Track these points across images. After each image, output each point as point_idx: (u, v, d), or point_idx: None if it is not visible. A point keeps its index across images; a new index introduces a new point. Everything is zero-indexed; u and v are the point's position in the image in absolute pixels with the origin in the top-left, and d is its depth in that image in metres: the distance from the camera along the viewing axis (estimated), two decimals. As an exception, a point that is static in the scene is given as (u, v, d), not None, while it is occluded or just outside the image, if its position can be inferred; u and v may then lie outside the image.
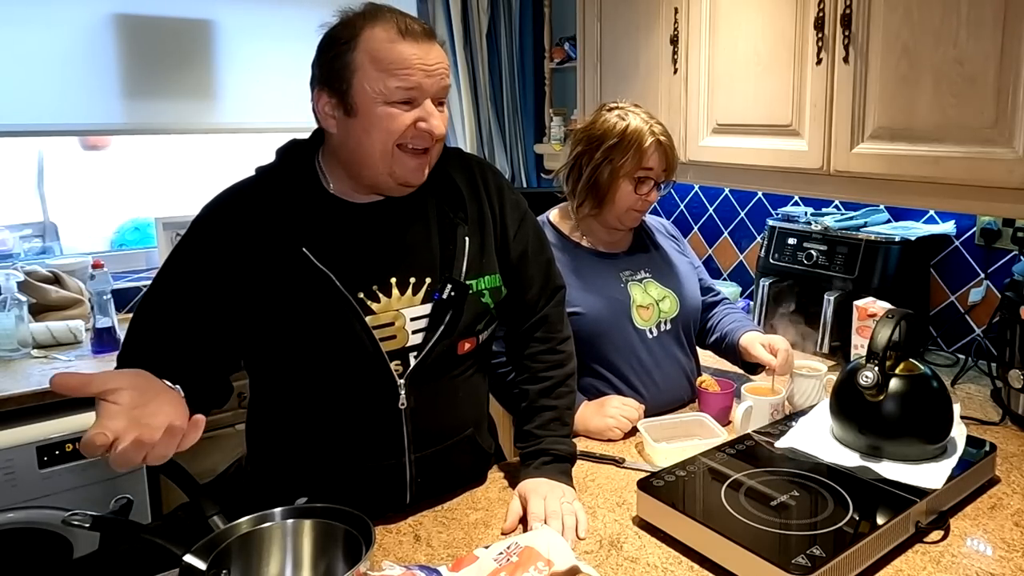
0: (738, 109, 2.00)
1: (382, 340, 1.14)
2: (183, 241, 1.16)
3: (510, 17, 3.15)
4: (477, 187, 1.27)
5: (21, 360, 2.06)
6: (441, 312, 1.17)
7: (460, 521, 1.21)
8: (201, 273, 1.12)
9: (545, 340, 1.34)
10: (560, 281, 1.39)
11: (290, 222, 1.13)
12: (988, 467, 1.29)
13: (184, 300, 1.12)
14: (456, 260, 1.20)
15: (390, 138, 1.10)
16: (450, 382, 1.23)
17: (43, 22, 2.38)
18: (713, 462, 1.26)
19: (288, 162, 1.19)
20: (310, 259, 1.11)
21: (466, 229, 1.22)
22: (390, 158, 1.12)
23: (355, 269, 1.14)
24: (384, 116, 1.09)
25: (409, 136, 1.11)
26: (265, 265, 1.11)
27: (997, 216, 1.87)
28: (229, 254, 1.12)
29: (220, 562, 0.92)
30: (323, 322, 1.12)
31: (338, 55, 1.10)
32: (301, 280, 1.11)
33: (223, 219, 1.15)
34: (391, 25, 1.09)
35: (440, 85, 1.12)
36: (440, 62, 1.12)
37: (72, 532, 1.81)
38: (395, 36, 1.08)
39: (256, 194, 1.16)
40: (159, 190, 2.82)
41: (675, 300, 1.66)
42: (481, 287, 1.23)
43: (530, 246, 1.32)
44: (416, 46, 1.09)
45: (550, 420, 1.30)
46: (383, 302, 1.15)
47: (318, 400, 1.17)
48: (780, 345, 1.60)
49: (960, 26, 1.47)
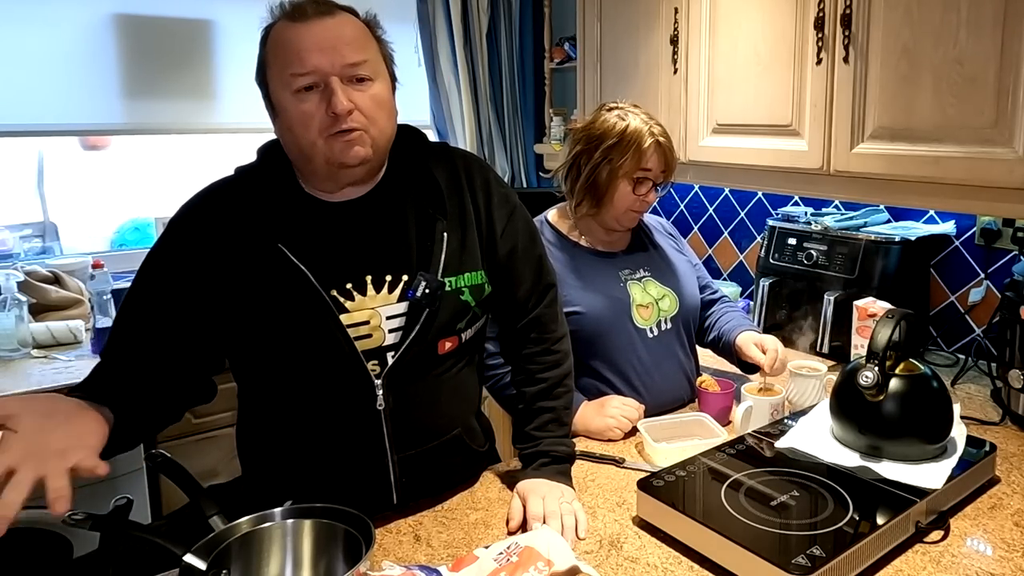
0: (738, 109, 2.00)
1: (357, 339, 1.12)
2: (160, 240, 1.16)
3: (510, 17, 3.15)
4: (459, 182, 1.23)
5: (21, 360, 2.06)
6: (417, 311, 1.14)
7: (460, 521, 1.21)
8: (177, 272, 1.12)
9: (540, 341, 1.32)
10: (552, 279, 1.36)
11: (267, 219, 1.12)
12: (988, 467, 1.29)
13: (161, 299, 1.12)
14: (433, 256, 1.16)
15: (307, 132, 1.06)
16: (432, 382, 1.21)
17: (43, 22, 2.38)
18: (713, 462, 1.26)
19: (267, 161, 1.18)
20: (286, 255, 1.09)
21: (445, 225, 1.18)
22: (322, 146, 1.07)
23: (330, 266, 1.12)
24: (294, 109, 1.06)
25: (328, 125, 1.06)
26: (241, 261, 1.10)
27: (997, 216, 1.87)
28: (205, 252, 1.11)
29: (220, 562, 0.92)
30: (297, 319, 1.10)
31: (259, 57, 1.10)
32: (276, 276, 1.10)
33: (199, 217, 1.14)
34: (285, 14, 1.07)
35: (343, 60, 1.05)
36: (337, 36, 1.05)
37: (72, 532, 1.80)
38: (287, 24, 1.06)
39: (233, 192, 1.15)
40: (159, 190, 2.82)
41: (674, 299, 1.66)
42: (460, 284, 1.19)
43: (520, 242, 1.28)
44: (306, 27, 1.05)
45: (548, 421, 1.30)
46: (357, 300, 1.13)
47: (298, 400, 1.16)
48: (770, 344, 1.61)
49: (960, 26, 1.47)
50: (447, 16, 2.99)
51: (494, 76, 3.15)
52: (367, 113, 1.08)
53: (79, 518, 0.92)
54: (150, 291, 1.13)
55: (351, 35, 1.08)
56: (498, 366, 1.50)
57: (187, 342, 1.12)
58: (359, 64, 1.07)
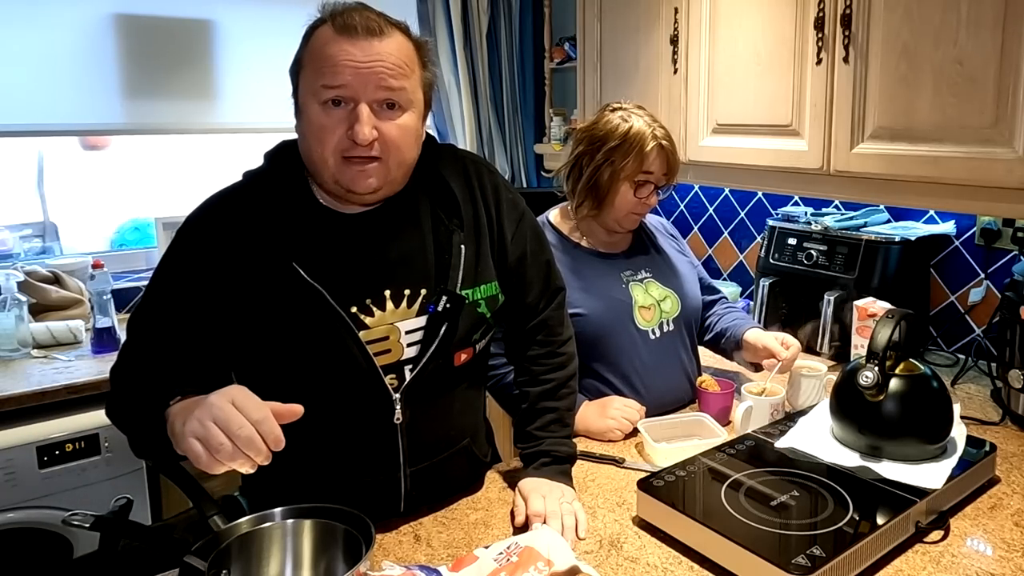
0: (738, 109, 2.00)
1: (376, 355, 1.10)
2: (171, 249, 1.12)
3: (510, 17, 3.15)
4: (473, 189, 1.22)
5: (21, 360, 2.06)
6: (436, 325, 1.13)
7: (460, 521, 1.21)
8: (190, 284, 1.08)
9: (546, 343, 1.32)
10: (560, 283, 1.36)
11: (279, 234, 1.08)
12: (988, 467, 1.29)
13: (174, 312, 1.09)
14: (452, 270, 1.15)
15: (322, 147, 1.04)
16: (447, 394, 1.20)
17: (43, 22, 2.38)
18: (713, 462, 1.26)
19: (277, 168, 1.14)
20: (300, 274, 1.07)
21: (462, 236, 1.17)
22: (333, 166, 1.06)
23: (348, 283, 1.09)
24: (316, 119, 1.04)
25: (345, 147, 1.04)
26: (254, 278, 1.07)
27: (997, 216, 1.87)
28: (217, 266, 1.08)
29: (220, 562, 0.92)
30: (315, 339, 1.07)
31: (297, 53, 1.08)
32: (291, 296, 1.06)
33: (210, 228, 1.10)
34: (334, 21, 1.04)
35: (378, 88, 1.03)
36: (379, 60, 1.03)
37: (72, 532, 1.81)
38: (332, 33, 1.03)
39: (244, 201, 1.11)
40: (159, 190, 2.82)
41: (676, 300, 1.66)
42: (477, 297, 1.18)
43: (529, 248, 1.27)
44: (351, 43, 1.02)
45: (551, 422, 1.30)
46: (377, 316, 1.11)
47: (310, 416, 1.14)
48: (793, 342, 1.62)
49: (960, 26, 1.47)
50: (447, 16, 2.99)
51: (494, 76, 3.15)
52: (389, 143, 1.06)
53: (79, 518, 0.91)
54: (163, 302, 1.10)
55: (394, 61, 1.05)
56: (499, 366, 1.50)
57: (200, 353, 1.10)
58: (395, 91, 1.05)
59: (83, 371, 1.97)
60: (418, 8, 2.99)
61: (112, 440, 1.89)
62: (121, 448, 1.90)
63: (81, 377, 1.92)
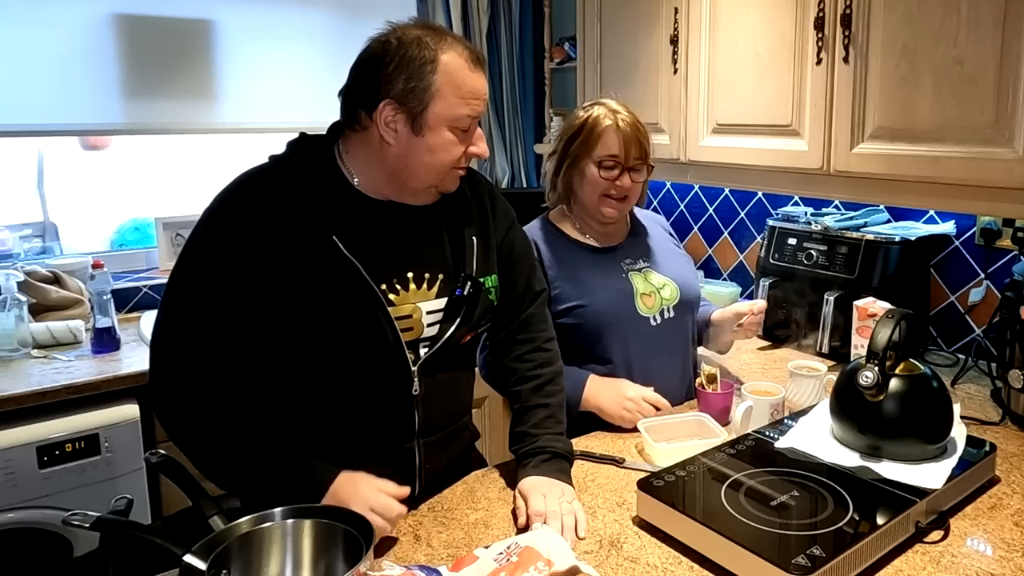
0: (738, 109, 2.00)
1: (402, 331, 1.19)
2: (207, 227, 1.15)
3: (510, 17, 3.15)
4: (477, 190, 1.34)
5: (21, 360, 2.06)
6: (456, 307, 1.24)
7: (460, 521, 1.21)
8: (230, 265, 1.12)
9: (530, 340, 1.39)
10: (543, 285, 1.45)
11: (317, 211, 1.15)
12: (988, 467, 1.29)
13: (221, 298, 1.12)
14: (467, 258, 1.26)
15: (446, 159, 1.18)
16: (453, 371, 1.30)
17: (43, 22, 2.38)
18: (713, 462, 1.26)
19: (305, 154, 1.21)
20: (339, 247, 1.14)
21: (473, 230, 1.29)
22: (443, 175, 1.20)
23: (378, 261, 1.18)
24: (449, 141, 1.17)
25: (463, 160, 1.20)
26: (293, 250, 1.13)
27: (997, 216, 1.87)
28: (255, 240, 1.12)
29: (220, 562, 0.92)
30: (349, 311, 1.15)
31: (419, 76, 1.12)
32: (329, 268, 1.14)
33: (245, 205, 1.15)
34: (465, 52, 1.15)
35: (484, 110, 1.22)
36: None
37: (72, 532, 1.81)
38: (470, 65, 1.16)
39: (276, 181, 1.17)
40: (159, 190, 2.82)
41: (675, 287, 1.68)
42: (488, 285, 1.29)
43: (515, 251, 1.38)
44: (483, 76, 1.18)
45: (544, 418, 1.33)
46: (402, 295, 1.20)
47: (335, 387, 1.19)
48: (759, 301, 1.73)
49: (960, 26, 1.47)
50: (447, 16, 2.99)
51: (494, 76, 3.15)
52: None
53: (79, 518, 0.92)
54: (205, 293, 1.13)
55: None
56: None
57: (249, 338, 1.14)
58: None
59: (83, 371, 1.97)
60: (418, 8, 2.99)
61: (112, 440, 1.89)
62: (121, 448, 1.90)
63: (81, 377, 1.92)
